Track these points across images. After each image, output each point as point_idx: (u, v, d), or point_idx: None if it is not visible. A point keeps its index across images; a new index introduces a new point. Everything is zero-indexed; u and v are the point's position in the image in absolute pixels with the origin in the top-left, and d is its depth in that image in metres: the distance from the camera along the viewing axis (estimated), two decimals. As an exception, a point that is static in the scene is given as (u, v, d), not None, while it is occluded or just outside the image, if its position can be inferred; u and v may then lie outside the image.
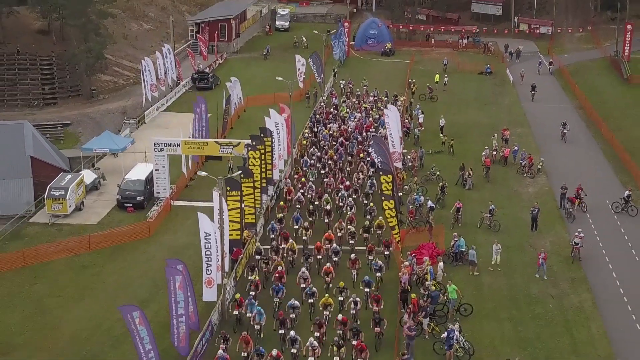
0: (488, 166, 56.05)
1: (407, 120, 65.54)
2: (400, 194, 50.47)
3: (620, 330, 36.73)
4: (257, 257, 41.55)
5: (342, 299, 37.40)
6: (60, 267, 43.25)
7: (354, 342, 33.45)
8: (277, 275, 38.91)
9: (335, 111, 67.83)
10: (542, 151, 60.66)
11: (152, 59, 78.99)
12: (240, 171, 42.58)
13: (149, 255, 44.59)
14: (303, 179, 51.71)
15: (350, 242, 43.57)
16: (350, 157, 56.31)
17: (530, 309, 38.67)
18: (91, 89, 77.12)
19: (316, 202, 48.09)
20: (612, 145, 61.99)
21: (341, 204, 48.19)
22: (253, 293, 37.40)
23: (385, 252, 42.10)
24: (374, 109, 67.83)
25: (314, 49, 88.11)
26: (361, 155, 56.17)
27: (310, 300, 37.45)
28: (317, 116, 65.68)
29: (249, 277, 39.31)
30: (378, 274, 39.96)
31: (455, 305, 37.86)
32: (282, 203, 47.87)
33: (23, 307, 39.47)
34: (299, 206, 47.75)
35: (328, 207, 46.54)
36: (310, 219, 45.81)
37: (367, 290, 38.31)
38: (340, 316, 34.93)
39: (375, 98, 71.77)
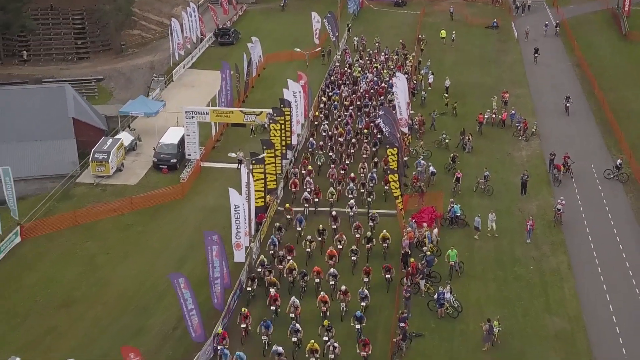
0: (481, 122, 62.26)
1: (414, 82, 70.65)
2: (406, 158, 56.27)
3: (589, 291, 42.79)
4: (259, 269, 42.33)
5: (326, 338, 36.67)
6: (107, 226, 49.70)
7: None
8: (270, 297, 39.50)
9: (349, 70, 73.09)
10: (538, 114, 66.03)
11: (177, 13, 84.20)
12: (264, 153, 48.08)
13: (184, 217, 50.88)
14: (310, 167, 53.19)
15: (353, 258, 43.61)
16: (357, 134, 58.95)
17: (513, 270, 44.81)
18: (121, 44, 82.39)
19: (316, 200, 49.44)
20: (602, 107, 67.09)
21: (350, 196, 49.83)
22: (244, 325, 37.88)
23: (387, 276, 41.84)
24: (385, 70, 72.90)
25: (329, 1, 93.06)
26: (365, 130, 59.75)
27: (294, 339, 36.92)
28: (332, 77, 70.91)
29: (248, 288, 41.08)
30: (363, 304, 39.62)
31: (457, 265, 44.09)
32: (287, 205, 48.60)
33: (78, 263, 46.05)
34: (307, 205, 48.91)
35: (334, 212, 47.10)
36: (320, 238, 45.27)
37: (358, 326, 37.72)
38: None
39: (387, 56, 76.74)
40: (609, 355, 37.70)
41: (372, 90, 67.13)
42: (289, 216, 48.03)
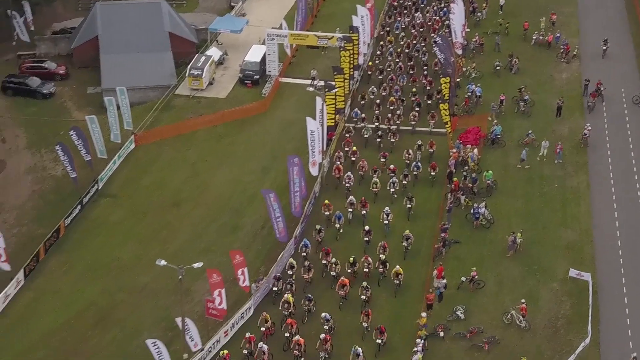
0: (526, 29, 70.99)
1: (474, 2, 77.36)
2: (458, 79, 64.47)
3: (601, 208, 51.62)
4: (290, 271, 44.71)
5: None
6: (204, 136, 59.64)
7: None
8: (245, 339, 39.73)
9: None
10: (582, 35, 72.79)
11: None
12: (335, 88, 56.65)
13: (266, 129, 60.50)
14: (354, 147, 54.71)
15: (362, 297, 43.00)
16: (402, 100, 60.59)
17: (540, 187, 53.68)
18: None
19: (363, 212, 49.02)
20: (643, 29, 73.54)
21: (392, 190, 51.00)
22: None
23: (377, 341, 40.47)
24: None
25: None
26: (414, 90, 62.22)
27: None
28: (395, 2, 77.82)
29: (274, 288, 43.79)
30: None
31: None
32: (326, 202, 49.43)
33: (182, 169, 56.27)
34: (351, 210, 49.23)
35: (367, 227, 47.19)
36: (349, 270, 44.89)
37: None
38: None
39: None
40: (608, 265, 46.93)
41: (429, 23, 73.41)
42: (327, 212, 49.38)
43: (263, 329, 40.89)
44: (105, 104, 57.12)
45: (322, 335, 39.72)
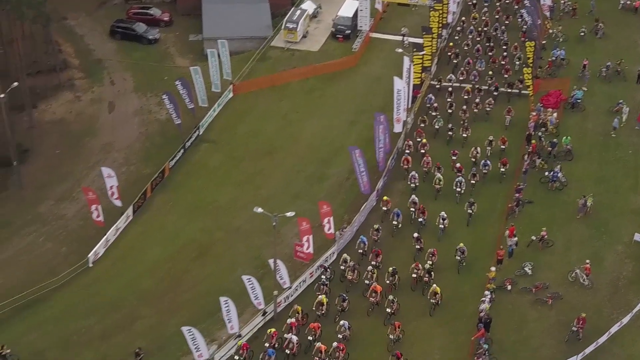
0: None
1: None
2: (544, 42, 66.43)
3: (671, 174, 53.96)
4: (342, 266, 45.63)
5: None
6: (296, 88, 63.48)
7: None
8: (287, 325, 41.53)
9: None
10: (671, 1, 73.51)
11: None
12: (424, 50, 59.65)
13: (354, 84, 63.90)
14: (424, 139, 54.57)
15: (388, 310, 42.87)
16: (479, 91, 59.65)
17: (615, 153, 55.92)
18: None
19: (420, 220, 48.86)
20: None
21: (457, 189, 50.52)
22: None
23: None
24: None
25: None
26: (490, 72, 61.73)
27: None
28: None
29: (322, 276, 45.12)
30: None
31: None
32: (385, 198, 49.86)
33: (275, 119, 60.38)
34: (413, 209, 49.39)
35: (415, 234, 47.11)
36: (388, 280, 44.67)
37: None
38: None
39: None
40: (672, 231, 49.51)
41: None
42: (385, 208, 49.73)
43: (293, 319, 41.88)
44: (207, 54, 61.24)
45: (335, 344, 40.31)
